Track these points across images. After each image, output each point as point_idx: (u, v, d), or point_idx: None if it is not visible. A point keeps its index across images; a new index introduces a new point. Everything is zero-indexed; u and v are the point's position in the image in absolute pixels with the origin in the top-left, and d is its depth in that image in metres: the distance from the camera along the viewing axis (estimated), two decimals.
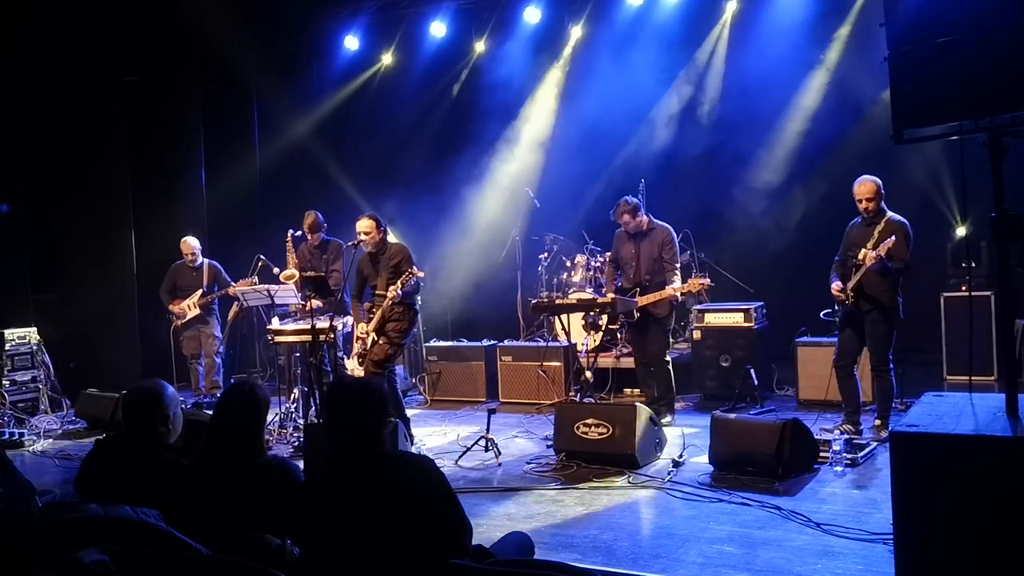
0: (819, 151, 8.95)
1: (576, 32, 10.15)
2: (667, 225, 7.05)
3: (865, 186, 6.06)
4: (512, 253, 9.61)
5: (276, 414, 7.05)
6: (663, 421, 6.59)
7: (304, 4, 11.09)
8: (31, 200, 9.64)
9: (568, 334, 7.63)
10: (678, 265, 6.98)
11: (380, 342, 6.45)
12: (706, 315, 7.96)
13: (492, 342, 8.83)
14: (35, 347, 8.87)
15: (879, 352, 6.11)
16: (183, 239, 8.92)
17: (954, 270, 8.14)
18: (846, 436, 5.82)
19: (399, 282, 6.26)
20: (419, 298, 6.92)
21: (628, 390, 8.13)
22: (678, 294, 6.88)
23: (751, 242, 9.17)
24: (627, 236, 7.11)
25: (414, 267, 6.38)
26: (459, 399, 8.60)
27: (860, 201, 6.08)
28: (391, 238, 6.87)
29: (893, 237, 5.82)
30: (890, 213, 6.06)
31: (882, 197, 6.06)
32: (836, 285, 6.17)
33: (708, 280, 7.06)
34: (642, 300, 6.85)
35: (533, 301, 7.65)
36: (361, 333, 6.55)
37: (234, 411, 3.29)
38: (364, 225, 6.57)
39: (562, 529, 4.64)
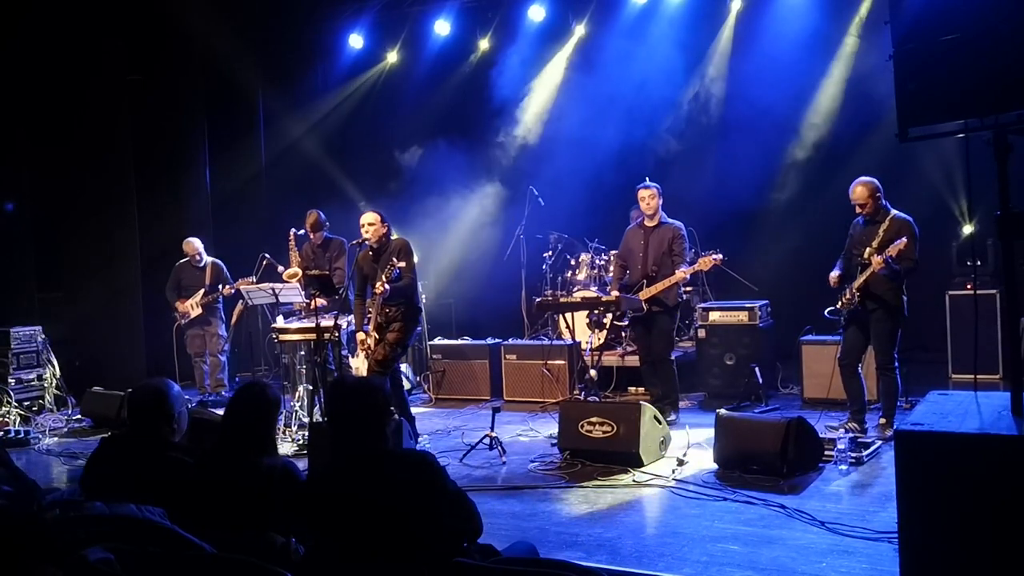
0: (823, 149, 8.93)
1: (580, 30, 10.15)
2: (679, 223, 7.09)
3: (856, 191, 6.04)
4: (516, 251, 9.61)
5: (281, 413, 7.04)
6: (667, 419, 6.59)
7: (308, 2, 11.10)
8: (36, 199, 9.67)
9: (572, 332, 7.63)
10: (687, 260, 6.99)
11: (382, 343, 6.44)
12: (711, 313, 7.95)
13: (496, 341, 8.84)
14: (40, 345, 8.90)
15: (884, 351, 6.09)
16: (187, 240, 8.94)
17: (959, 268, 8.13)
18: (851, 435, 5.82)
19: (383, 275, 6.13)
20: (423, 296, 6.87)
21: (632, 388, 8.13)
22: (687, 275, 6.89)
23: (755, 240, 9.15)
24: (638, 228, 7.14)
25: (402, 260, 6.19)
26: (463, 397, 8.61)
27: (855, 205, 6.07)
28: (395, 236, 6.84)
29: (904, 239, 5.77)
30: (894, 211, 6.03)
31: (878, 198, 6.02)
32: (834, 274, 6.16)
33: (721, 256, 6.87)
34: (650, 290, 6.86)
35: (537, 299, 7.64)
36: (362, 346, 6.53)
37: (244, 412, 3.31)
38: (369, 217, 6.51)
39: (566, 527, 4.64)
